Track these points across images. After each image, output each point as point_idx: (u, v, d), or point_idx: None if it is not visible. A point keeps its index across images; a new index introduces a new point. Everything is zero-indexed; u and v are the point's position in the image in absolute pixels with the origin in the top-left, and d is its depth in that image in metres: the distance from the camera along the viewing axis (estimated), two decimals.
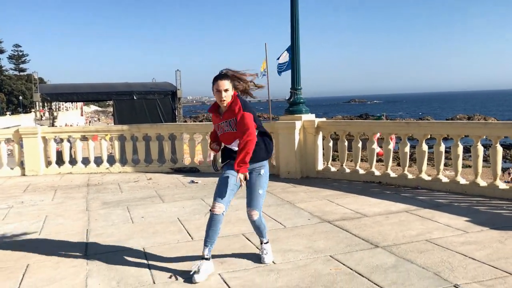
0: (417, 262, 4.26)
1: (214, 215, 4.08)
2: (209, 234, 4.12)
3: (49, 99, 25.01)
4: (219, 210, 4.08)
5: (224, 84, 4.02)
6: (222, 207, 4.08)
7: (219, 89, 4.02)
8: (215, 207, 4.08)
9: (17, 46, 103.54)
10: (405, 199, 6.74)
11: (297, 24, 8.73)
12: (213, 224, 4.10)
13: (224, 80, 4.04)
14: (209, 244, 4.14)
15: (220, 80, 4.04)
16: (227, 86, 4.03)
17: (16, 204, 7.40)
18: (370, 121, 11.45)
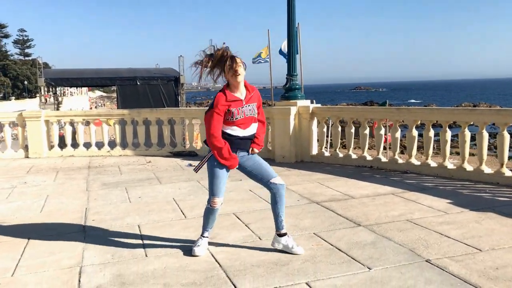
0: (395, 239, 4.51)
1: (214, 209, 4.25)
2: (209, 222, 4.33)
3: (53, 84, 25.30)
4: (219, 204, 4.25)
5: (238, 61, 4.01)
6: (221, 200, 4.25)
7: (237, 68, 3.97)
8: (216, 202, 4.21)
9: (22, 31, 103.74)
10: (393, 183, 6.97)
11: (293, 9, 8.89)
12: (212, 215, 4.29)
13: (238, 59, 4.02)
14: (209, 229, 4.38)
15: (236, 57, 4.01)
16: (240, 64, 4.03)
17: (20, 184, 7.70)
18: (362, 107, 11.64)
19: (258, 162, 4.31)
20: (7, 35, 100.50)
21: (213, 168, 4.17)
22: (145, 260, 4.19)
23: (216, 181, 4.18)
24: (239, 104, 4.07)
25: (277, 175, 4.30)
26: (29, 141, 10.46)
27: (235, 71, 4.00)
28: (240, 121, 4.09)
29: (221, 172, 4.17)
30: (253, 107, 4.16)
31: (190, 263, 4.06)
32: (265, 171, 4.28)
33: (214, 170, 4.17)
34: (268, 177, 4.26)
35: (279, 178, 4.29)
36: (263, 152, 9.59)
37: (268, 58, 22.18)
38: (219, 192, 4.20)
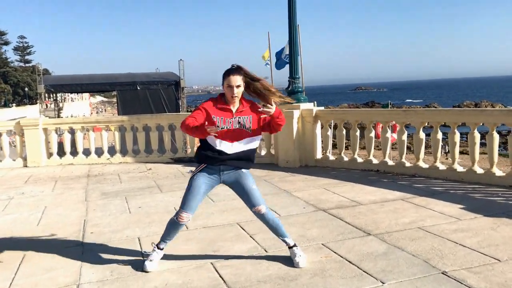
0: (408, 249, 4.29)
1: (180, 224, 4.06)
2: (169, 234, 4.16)
3: (53, 90, 25.18)
4: (186, 220, 4.04)
5: (236, 79, 3.84)
6: (189, 217, 4.04)
7: (231, 85, 3.82)
8: (183, 218, 4.01)
9: (22, 38, 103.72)
10: (402, 187, 6.75)
11: (294, 12, 8.70)
12: (175, 229, 4.14)
13: (237, 75, 3.85)
14: (167, 241, 4.20)
15: (233, 75, 3.84)
16: (239, 82, 3.85)
17: (17, 195, 7.50)
18: (367, 109, 11.46)
19: (240, 186, 4.08)
20: (7, 42, 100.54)
21: (192, 181, 4.02)
22: (145, 276, 3.98)
23: (190, 195, 4.01)
24: (228, 115, 3.88)
25: (259, 203, 4.07)
26: (27, 149, 10.26)
27: (229, 87, 3.84)
28: (226, 132, 3.86)
29: (197, 187, 3.98)
30: (246, 121, 3.91)
31: (193, 280, 3.85)
32: (248, 197, 4.10)
33: (192, 184, 4.01)
34: (250, 205, 4.12)
35: (261, 207, 4.07)
36: (266, 156, 9.41)
37: (268, 61, 22.04)
38: (190, 208, 4.01)
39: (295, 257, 4.07)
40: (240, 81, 3.86)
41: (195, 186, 3.99)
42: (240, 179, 4.07)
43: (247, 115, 3.93)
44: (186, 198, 4.01)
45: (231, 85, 3.83)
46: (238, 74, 3.86)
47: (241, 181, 4.07)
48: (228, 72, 3.88)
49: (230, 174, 4.04)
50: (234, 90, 3.83)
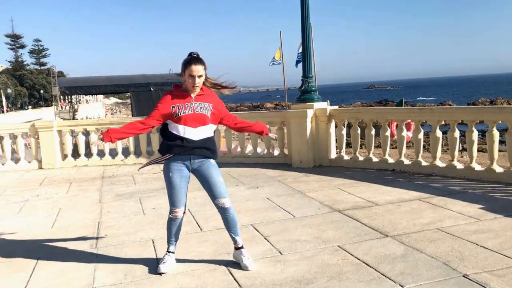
0: (427, 251, 4.19)
1: (175, 218, 4.06)
2: (172, 233, 4.14)
3: (67, 92, 25.36)
4: (180, 214, 4.06)
5: (199, 69, 3.78)
6: (182, 210, 4.05)
7: (193, 75, 3.77)
8: (177, 212, 4.03)
9: (37, 41, 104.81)
10: (419, 187, 6.63)
11: (307, 11, 8.60)
12: (174, 225, 4.11)
13: (199, 65, 3.79)
14: (174, 242, 4.19)
15: (195, 64, 3.78)
16: (201, 72, 3.81)
17: (32, 197, 7.52)
18: (382, 107, 11.29)
19: (208, 176, 4.01)
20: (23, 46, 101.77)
21: (167, 178, 4.00)
22: (159, 280, 3.93)
23: (172, 192, 3.99)
24: (187, 100, 3.86)
25: (224, 196, 4.00)
26: (42, 152, 10.32)
27: (190, 75, 3.79)
28: (188, 116, 3.82)
29: (176, 182, 3.96)
30: (206, 106, 3.90)
31: (207, 283, 3.79)
32: (214, 189, 4.00)
33: (169, 180, 3.99)
34: (213, 196, 4.02)
35: (226, 200, 3.99)
36: (280, 157, 9.33)
37: (280, 60, 21.94)
38: (178, 201, 4.00)
39: (243, 260, 4.01)
40: (202, 71, 3.81)
41: (174, 182, 3.96)
42: (208, 169, 4.01)
43: (208, 102, 3.92)
44: (170, 195, 4.02)
45: (193, 74, 3.78)
46: (200, 64, 3.80)
47: (209, 171, 4.01)
48: (190, 61, 3.80)
49: (199, 163, 3.99)
50: (196, 80, 3.79)
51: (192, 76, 3.78)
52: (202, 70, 3.81)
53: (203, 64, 3.82)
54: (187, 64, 3.79)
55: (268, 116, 9.98)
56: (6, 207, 6.92)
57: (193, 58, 3.81)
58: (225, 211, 4.00)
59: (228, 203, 4.00)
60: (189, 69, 3.77)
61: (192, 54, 3.85)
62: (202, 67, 3.81)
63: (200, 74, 3.80)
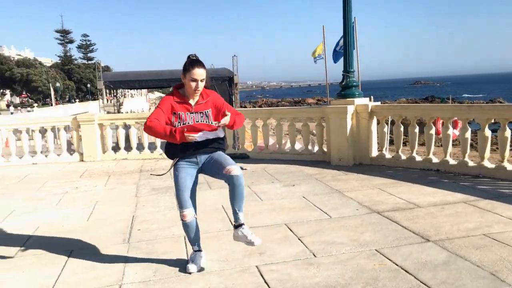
0: (472, 259, 3.90)
1: (186, 223, 3.89)
2: (190, 236, 3.99)
3: (111, 86, 25.91)
4: (190, 216, 3.87)
5: (202, 73, 3.64)
6: (191, 212, 3.88)
7: (196, 78, 3.62)
8: (186, 216, 3.86)
9: (85, 36, 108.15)
10: (464, 189, 6.27)
11: (349, 3, 8.31)
12: (189, 228, 3.95)
13: (202, 68, 3.64)
14: (196, 242, 4.04)
15: (198, 67, 3.62)
16: (204, 76, 3.66)
17: (71, 189, 7.64)
18: (427, 104, 10.84)
19: (215, 159, 3.85)
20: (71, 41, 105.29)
21: (175, 179, 3.88)
22: (188, 278, 3.84)
23: (179, 193, 3.85)
24: (188, 109, 3.72)
25: (232, 163, 3.73)
26: (84, 144, 10.52)
27: (193, 79, 3.63)
28: (188, 127, 3.63)
29: (183, 182, 3.83)
30: (206, 114, 3.75)
31: (236, 284, 3.67)
32: (220, 163, 3.78)
33: (177, 181, 3.87)
34: (222, 168, 3.73)
35: (233, 167, 3.70)
36: (318, 154, 9.10)
37: (323, 55, 21.59)
38: (185, 203, 3.83)
39: (247, 237, 3.82)
40: (204, 75, 3.66)
41: (181, 182, 3.84)
42: (215, 155, 3.86)
43: (207, 109, 3.75)
44: (178, 197, 3.87)
45: (196, 78, 3.62)
46: (203, 67, 3.66)
47: (217, 156, 3.86)
48: (192, 64, 3.64)
49: (207, 159, 3.87)
50: (198, 84, 3.65)
51: (194, 80, 3.63)
52: (205, 73, 3.67)
53: (205, 67, 3.69)
54: (189, 67, 3.64)
55: (307, 112, 9.77)
56: (46, 199, 7.04)
57: (195, 61, 3.67)
58: (232, 179, 3.68)
59: (236, 170, 3.68)
60: (192, 73, 3.62)
61: (192, 57, 3.72)
62: (204, 70, 3.67)
63: (203, 78, 3.66)
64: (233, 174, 3.67)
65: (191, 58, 3.70)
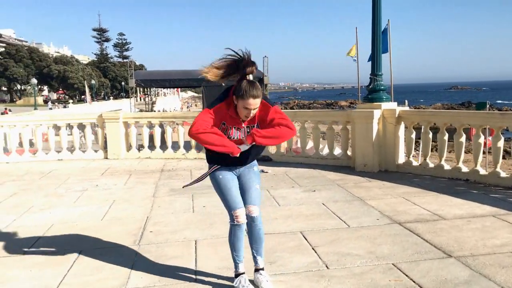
0: (496, 279, 3.62)
1: (240, 225, 3.51)
2: (237, 248, 3.59)
3: (142, 85, 26.19)
4: (242, 216, 3.50)
5: (257, 103, 3.27)
6: (243, 211, 3.51)
7: (249, 108, 3.26)
8: (239, 216, 3.48)
9: (121, 35, 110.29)
10: (494, 201, 5.92)
11: (379, 4, 8.03)
12: (239, 235, 3.55)
13: (258, 98, 3.26)
14: (241, 259, 3.63)
15: (253, 98, 3.23)
16: (258, 105, 3.29)
17: (91, 187, 7.64)
18: (458, 111, 10.42)
19: (245, 179, 3.61)
20: (108, 39, 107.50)
21: (218, 181, 3.57)
22: (192, 286, 3.70)
23: (228, 192, 3.52)
24: (237, 124, 3.40)
25: (254, 203, 3.52)
26: (108, 142, 10.57)
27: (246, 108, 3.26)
28: (234, 141, 3.40)
29: (226, 183, 3.53)
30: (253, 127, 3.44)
31: None
32: (246, 192, 3.56)
33: (220, 184, 3.55)
34: (244, 201, 3.53)
35: (255, 208, 3.51)
36: (343, 159, 8.85)
37: (356, 57, 21.21)
38: (237, 202, 3.49)
39: (261, 282, 3.56)
40: (259, 103, 3.29)
41: (225, 183, 3.54)
42: (248, 173, 3.62)
43: (254, 123, 3.43)
44: (226, 198, 3.53)
45: (249, 108, 3.27)
46: (259, 96, 3.26)
47: (249, 175, 3.62)
48: (248, 93, 3.23)
49: (242, 169, 3.63)
50: (250, 113, 3.30)
51: (246, 109, 3.28)
52: (259, 101, 3.29)
53: (261, 93, 3.30)
54: (245, 96, 3.24)
55: (332, 115, 9.52)
56: (65, 196, 7.06)
57: (252, 90, 3.23)
58: (252, 220, 3.52)
59: (256, 212, 3.52)
60: (246, 102, 3.24)
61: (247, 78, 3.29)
62: (260, 98, 3.29)
63: (256, 108, 3.31)
64: (252, 215, 3.52)
65: (246, 81, 3.27)
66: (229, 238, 3.60)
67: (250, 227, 3.55)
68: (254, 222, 3.53)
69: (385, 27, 17.11)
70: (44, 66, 79.48)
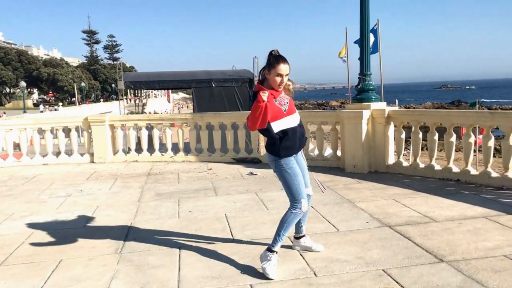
0: (489, 284, 3.51)
1: (304, 212, 4.01)
2: (288, 231, 3.98)
3: (132, 86, 25.87)
4: (306, 206, 3.96)
5: (286, 68, 3.72)
6: (306, 201, 3.97)
7: (282, 73, 3.70)
8: (304, 205, 3.92)
9: (111, 37, 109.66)
10: (485, 202, 5.82)
11: (367, 3, 7.92)
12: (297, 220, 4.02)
13: (287, 64, 3.72)
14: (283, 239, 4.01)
15: (283, 63, 3.70)
16: (288, 71, 3.74)
17: (75, 192, 7.45)
18: (448, 110, 10.32)
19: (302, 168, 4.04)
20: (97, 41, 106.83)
21: (287, 170, 3.86)
22: None
23: (296, 180, 3.86)
24: (279, 93, 3.82)
25: (309, 185, 4.12)
26: (94, 145, 10.35)
27: (278, 74, 3.70)
28: (287, 110, 3.84)
29: (298, 173, 3.89)
30: (288, 101, 3.88)
31: None
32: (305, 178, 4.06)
33: (289, 171, 3.86)
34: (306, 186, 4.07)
35: (310, 189, 4.13)
36: (332, 160, 8.73)
37: (345, 57, 21.12)
38: (303, 191, 3.91)
39: (312, 244, 4.30)
40: (288, 70, 3.75)
41: (296, 173, 3.88)
42: (302, 161, 4.09)
43: (287, 98, 3.89)
44: (295, 185, 3.87)
45: (281, 73, 3.70)
46: (287, 63, 3.74)
47: (303, 164, 4.09)
48: (277, 59, 3.71)
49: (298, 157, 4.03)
50: (283, 79, 3.73)
51: (280, 75, 3.71)
52: (289, 69, 3.76)
53: (289, 63, 3.76)
54: (275, 63, 3.71)
55: (321, 116, 9.39)
56: (47, 202, 6.86)
57: (281, 57, 3.74)
58: (309, 198, 4.08)
59: (310, 191, 4.13)
60: (278, 68, 3.69)
61: (274, 53, 3.75)
62: (289, 66, 3.76)
63: (287, 73, 3.76)
64: (310, 194, 4.12)
65: (274, 54, 3.74)
66: (287, 223, 3.92)
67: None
68: (310, 200, 4.14)
69: (374, 26, 17.03)
70: (34, 69, 78.78)
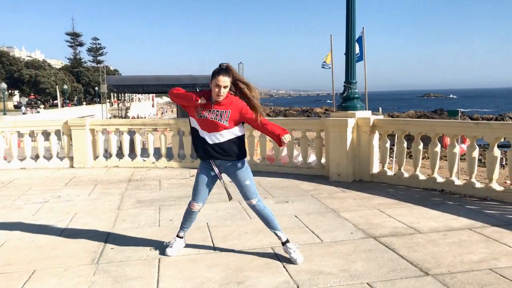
0: None
1: (193, 211, 4.49)
2: (186, 223, 4.58)
3: (115, 90, 25.54)
4: (197, 208, 4.48)
5: (225, 80, 4.01)
6: (200, 206, 4.47)
7: (219, 84, 4.01)
8: (194, 206, 4.45)
9: (95, 39, 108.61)
10: (470, 213, 5.79)
11: (353, 11, 7.88)
12: (190, 216, 4.54)
13: (226, 76, 4.02)
14: (186, 229, 4.62)
15: (223, 75, 4.01)
16: (227, 83, 4.03)
17: (53, 198, 7.23)
18: (432, 120, 10.35)
19: (235, 180, 4.38)
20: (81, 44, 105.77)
21: (197, 174, 4.43)
22: None
23: (197, 186, 4.41)
24: (208, 106, 4.11)
25: (250, 197, 4.35)
26: (74, 150, 10.11)
27: (217, 86, 4.01)
28: (201, 121, 4.14)
29: (202, 178, 4.37)
30: (223, 114, 4.10)
31: None
32: (243, 192, 4.37)
33: (197, 176, 4.42)
34: (245, 198, 4.40)
35: (251, 200, 4.36)
36: (316, 168, 8.66)
37: (330, 64, 21.15)
38: (198, 197, 4.43)
39: (290, 253, 4.25)
40: (228, 82, 4.03)
41: (201, 180, 4.38)
42: (234, 173, 4.33)
43: (226, 109, 4.10)
44: (195, 191, 4.44)
45: (219, 84, 4.01)
46: (227, 76, 4.03)
47: (235, 176, 4.34)
48: (218, 71, 4.03)
49: (227, 166, 4.31)
50: (221, 90, 4.02)
51: (218, 86, 4.01)
52: (228, 81, 4.04)
53: (230, 76, 4.05)
54: (215, 74, 4.03)
55: (305, 123, 9.31)
56: (23, 208, 6.64)
57: (221, 69, 4.05)
58: (253, 208, 4.40)
59: (254, 201, 4.36)
60: (216, 79, 4.01)
61: (222, 65, 4.08)
62: (229, 79, 4.04)
63: (226, 85, 4.03)
64: (252, 204, 4.39)
65: (220, 66, 4.08)
66: (184, 213, 4.59)
67: (256, 212, 4.43)
68: (255, 208, 4.40)
69: (360, 35, 17.09)
70: (15, 71, 77.56)
